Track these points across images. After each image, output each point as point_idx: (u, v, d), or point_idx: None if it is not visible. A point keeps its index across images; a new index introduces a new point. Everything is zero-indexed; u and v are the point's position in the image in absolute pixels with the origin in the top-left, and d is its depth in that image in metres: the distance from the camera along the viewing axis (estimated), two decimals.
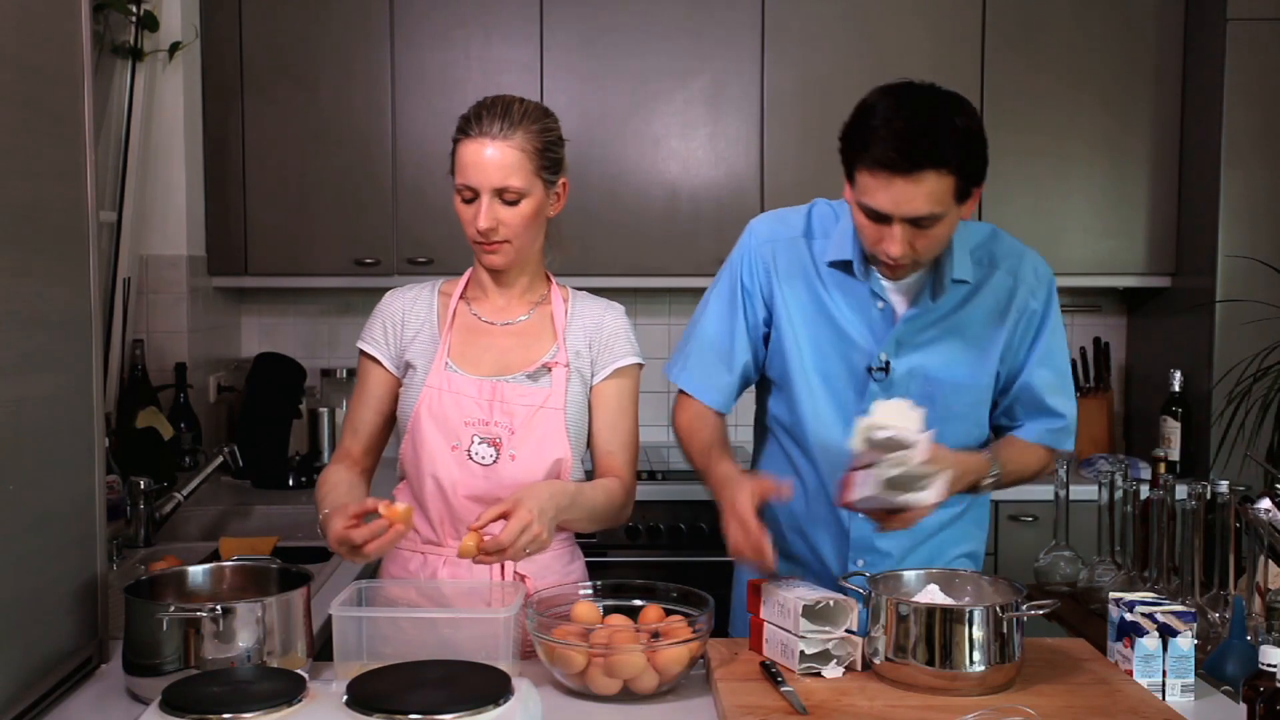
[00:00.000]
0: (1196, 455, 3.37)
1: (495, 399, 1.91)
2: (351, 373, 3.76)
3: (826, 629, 1.66)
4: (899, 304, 1.93)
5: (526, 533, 1.68)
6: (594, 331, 2.00)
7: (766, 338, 2.01)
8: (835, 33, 3.49)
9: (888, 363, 1.92)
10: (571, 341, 1.98)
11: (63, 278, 1.68)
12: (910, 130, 1.70)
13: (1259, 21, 3.29)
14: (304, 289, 3.76)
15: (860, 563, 1.99)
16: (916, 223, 1.74)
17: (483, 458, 1.89)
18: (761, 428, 2.13)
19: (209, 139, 3.48)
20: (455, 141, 1.90)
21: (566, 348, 1.97)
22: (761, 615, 1.76)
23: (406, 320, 1.99)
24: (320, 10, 3.45)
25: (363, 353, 2.01)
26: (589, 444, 2.01)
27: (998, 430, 2.04)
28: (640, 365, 2.05)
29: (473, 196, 1.87)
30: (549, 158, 1.91)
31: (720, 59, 3.49)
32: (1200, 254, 3.42)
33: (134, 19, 3.14)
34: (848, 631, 1.67)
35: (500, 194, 1.86)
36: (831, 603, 1.68)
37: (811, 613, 1.66)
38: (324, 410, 3.64)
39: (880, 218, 1.75)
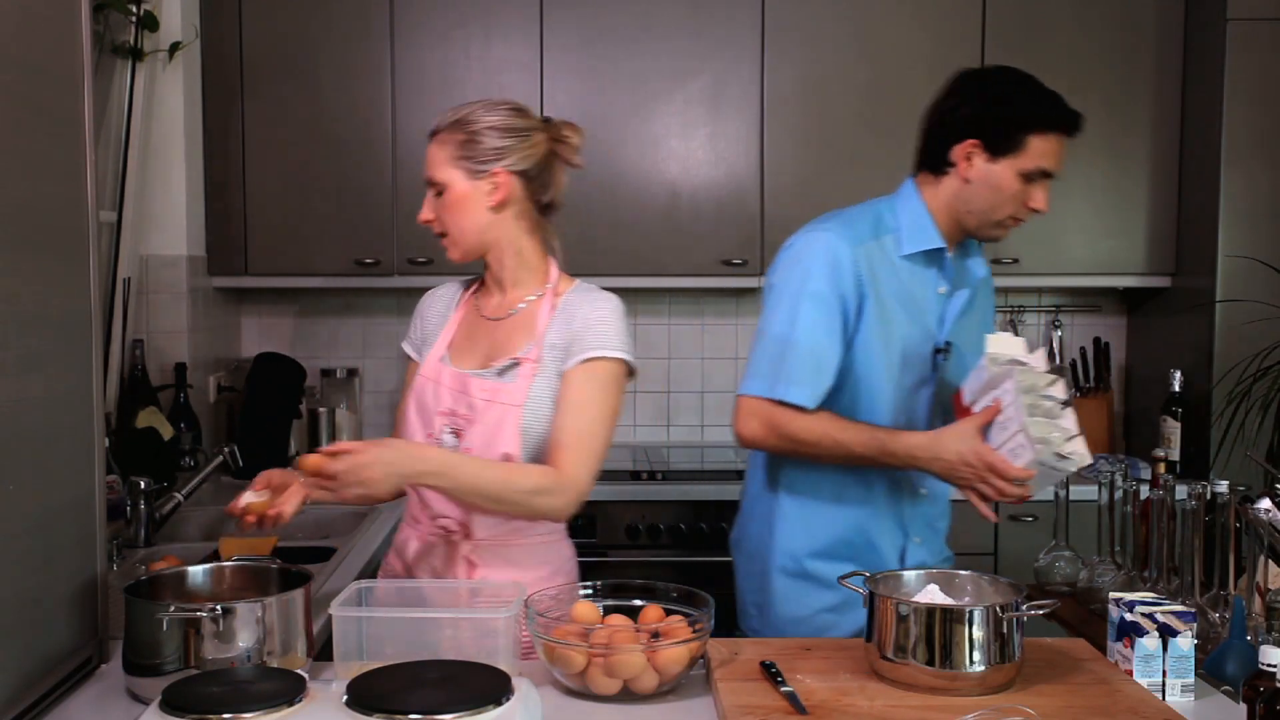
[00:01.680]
0: (1196, 455, 3.37)
1: (463, 391, 1.97)
2: (351, 372, 3.77)
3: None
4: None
5: (354, 473, 1.74)
6: (573, 323, 1.96)
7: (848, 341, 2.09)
8: (835, 33, 3.50)
9: (949, 343, 2.10)
10: (551, 337, 1.96)
11: (63, 278, 1.68)
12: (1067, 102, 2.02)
13: (1259, 21, 3.30)
14: (304, 289, 3.76)
15: (918, 540, 2.14)
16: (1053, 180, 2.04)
17: (447, 446, 1.96)
18: None
19: (209, 139, 3.48)
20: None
21: (543, 343, 1.96)
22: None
23: (427, 316, 2.11)
24: (320, 10, 3.45)
25: (404, 351, 2.15)
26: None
27: None
28: (622, 361, 1.94)
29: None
30: (472, 150, 1.95)
31: (720, 59, 3.49)
32: (1200, 254, 3.42)
33: (134, 19, 3.14)
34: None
35: (431, 186, 1.99)
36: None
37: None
38: (324, 410, 3.64)
39: (1041, 177, 2.01)
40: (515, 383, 1.94)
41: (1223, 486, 1.95)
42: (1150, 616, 1.70)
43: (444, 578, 1.97)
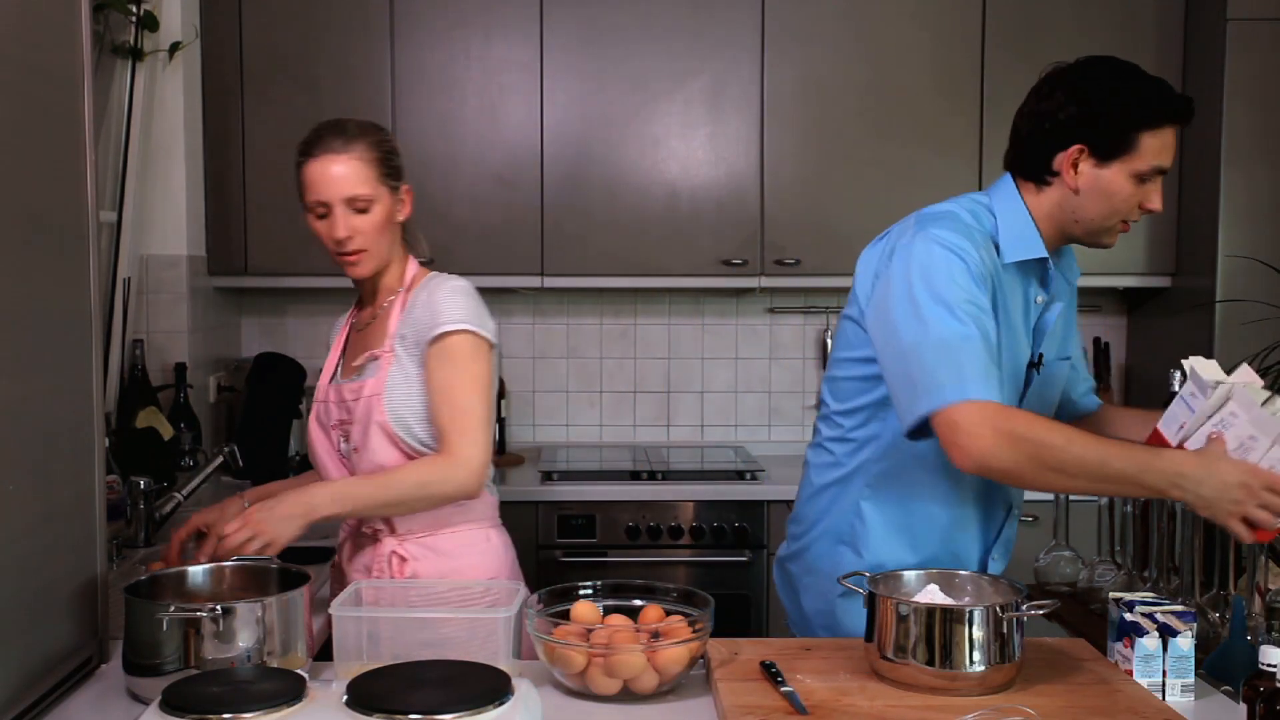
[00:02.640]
0: None
1: (338, 400, 2.07)
2: None
3: None
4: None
5: (250, 528, 1.87)
6: (416, 309, 2.04)
7: None
8: (835, 33, 3.50)
9: (1041, 355, 1.98)
10: (400, 328, 2.05)
11: (63, 278, 1.68)
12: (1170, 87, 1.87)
13: (1259, 21, 3.30)
14: (304, 289, 3.75)
15: (995, 557, 2.06)
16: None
17: (346, 453, 2.08)
18: (877, 435, 1.98)
19: (209, 139, 3.48)
20: (299, 166, 2.03)
21: (395, 334, 2.05)
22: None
23: (331, 343, 2.25)
24: (320, 10, 3.45)
25: None
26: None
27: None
28: (467, 332, 1.98)
29: (325, 212, 2.01)
30: (389, 165, 2.05)
31: (720, 59, 3.49)
32: (1200, 254, 3.42)
33: (134, 19, 3.14)
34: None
35: (351, 204, 1.99)
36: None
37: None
38: None
39: (1156, 175, 1.86)
40: (376, 376, 2.04)
41: None
42: (1150, 616, 1.70)
43: (378, 577, 2.03)
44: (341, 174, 1.98)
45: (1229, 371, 1.78)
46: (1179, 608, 1.72)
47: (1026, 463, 1.69)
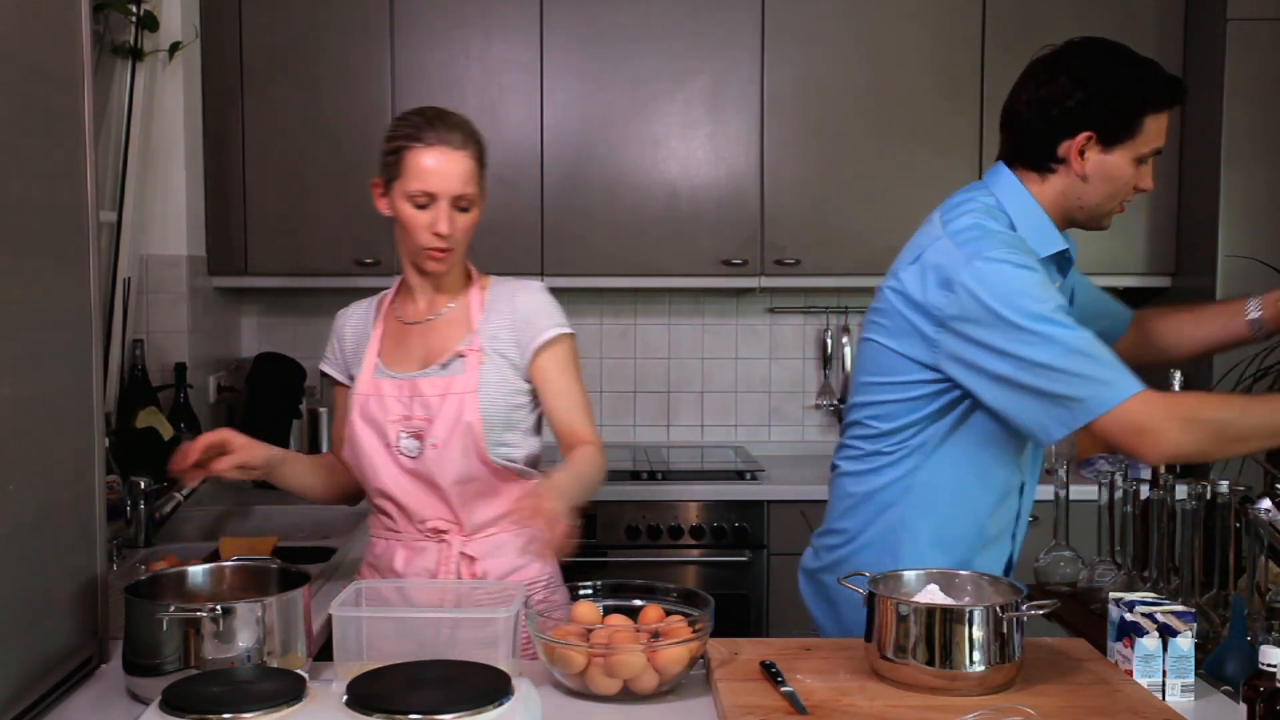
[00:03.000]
0: None
1: (414, 394, 2.01)
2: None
3: None
4: None
5: (555, 526, 1.73)
6: (511, 314, 2.05)
7: None
8: (835, 33, 3.50)
9: None
10: (488, 328, 2.04)
11: (63, 278, 1.68)
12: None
13: (1259, 21, 3.30)
14: (304, 289, 3.75)
15: (1016, 558, 2.06)
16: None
17: (410, 451, 2.00)
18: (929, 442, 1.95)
19: (209, 139, 3.48)
20: (402, 150, 1.96)
21: (482, 334, 2.03)
22: None
23: (344, 335, 2.16)
24: (320, 10, 3.45)
25: (323, 373, 2.20)
26: (550, 421, 2.07)
27: None
28: (568, 334, 2.07)
29: (428, 203, 1.96)
30: (485, 168, 2.03)
31: (720, 59, 3.49)
32: (1200, 254, 3.42)
33: (134, 19, 3.14)
34: None
35: (457, 201, 1.96)
36: None
37: None
38: (324, 410, 3.64)
39: (1152, 156, 1.90)
40: (465, 373, 2.00)
41: (1223, 486, 1.94)
42: (1150, 616, 1.70)
43: (445, 578, 1.99)
44: (457, 170, 1.95)
45: None
46: (1179, 608, 1.72)
47: (1211, 441, 1.77)
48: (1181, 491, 2.02)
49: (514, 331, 2.03)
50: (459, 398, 1.98)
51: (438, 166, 1.94)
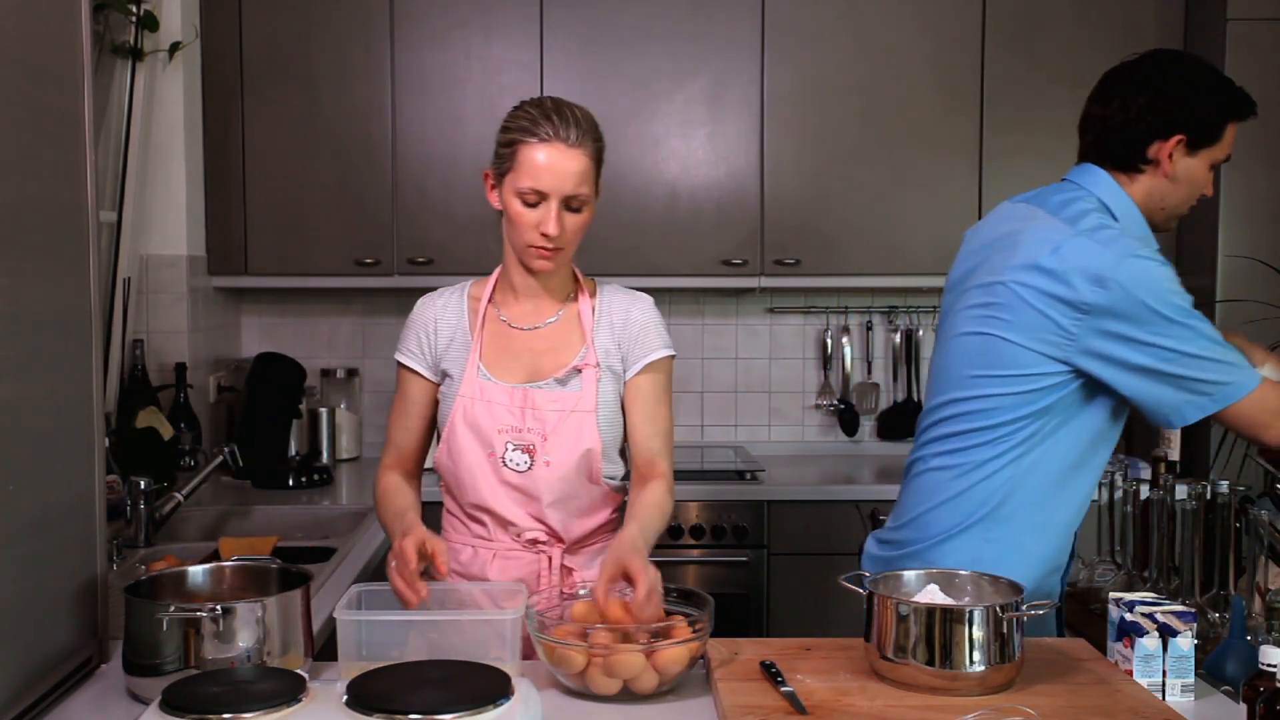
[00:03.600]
0: (1196, 455, 3.37)
1: (527, 406, 1.92)
2: (351, 373, 3.76)
3: None
4: None
5: (652, 589, 1.69)
6: (621, 328, 1.98)
7: None
8: (835, 33, 3.50)
9: None
10: (600, 340, 1.97)
11: (63, 278, 1.68)
12: None
13: (1259, 21, 3.30)
14: (304, 289, 3.76)
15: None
16: None
17: (517, 464, 1.92)
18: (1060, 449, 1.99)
19: (209, 139, 3.48)
20: (516, 143, 1.86)
21: (595, 347, 1.96)
22: None
23: (439, 328, 2.00)
24: (320, 10, 3.46)
25: (400, 364, 2.03)
26: (626, 439, 2.00)
27: None
28: (672, 356, 2.00)
29: (538, 201, 1.86)
30: (601, 166, 1.94)
31: (720, 59, 3.50)
32: (1200, 254, 3.42)
33: (134, 19, 3.14)
34: None
35: (568, 201, 1.87)
36: None
37: None
38: (324, 410, 3.65)
39: (1221, 163, 2.04)
40: (583, 390, 1.93)
41: (1223, 486, 1.95)
42: (1150, 616, 1.70)
43: (542, 590, 1.92)
44: (572, 170, 1.84)
45: None
46: (1179, 608, 1.72)
47: None
48: (1181, 491, 2.02)
49: (622, 346, 1.97)
50: (579, 417, 1.91)
51: (550, 164, 1.84)
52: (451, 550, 1.97)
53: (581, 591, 1.80)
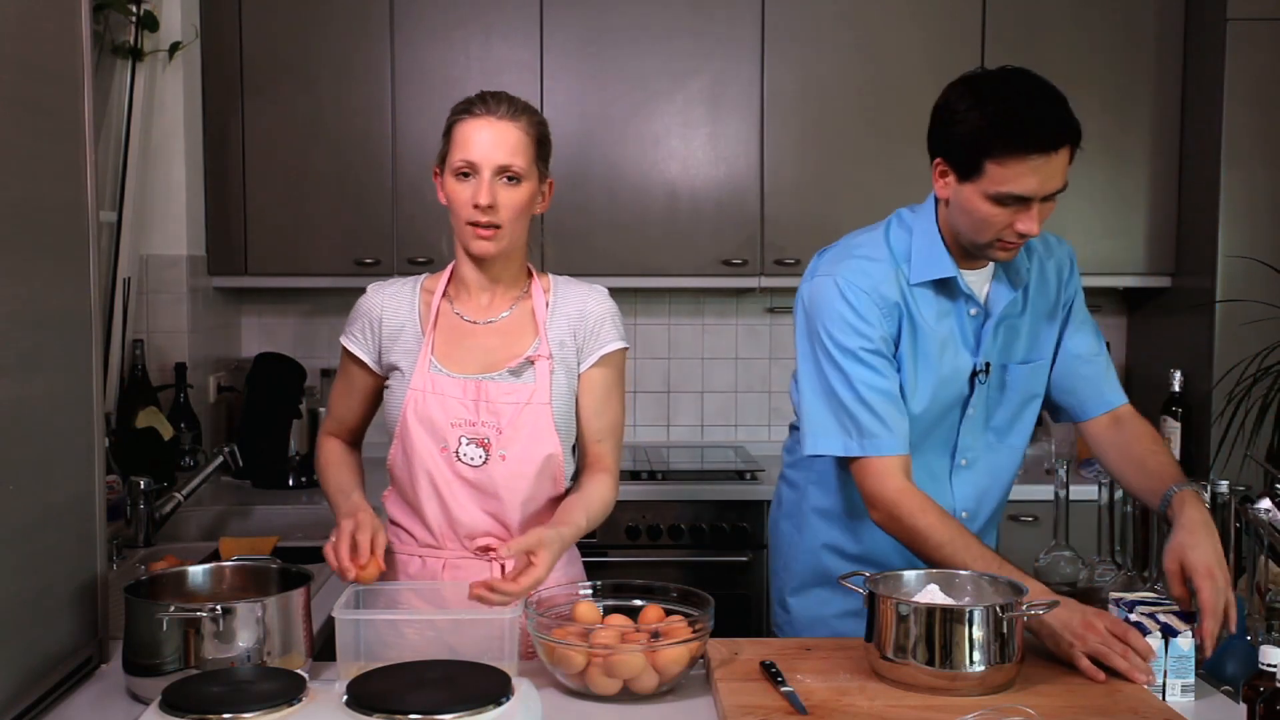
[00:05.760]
0: (1197, 455, 3.37)
1: (480, 398, 1.89)
2: None
3: None
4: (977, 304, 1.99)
5: (535, 583, 1.70)
6: (577, 320, 1.96)
7: None
8: (835, 33, 3.50)
9: (988, 364, 2.00)
10: (554, 332, 1.95)
11: (63, 278, 1.68)
12: (1047, 110, 1.78)
13: (1259, 21, 3.29)
14: (304, 289, 3.75)
15: (964, 514, 2.11)
16: (1049, 197, 1.82)
17: (471, 459, 1.89)
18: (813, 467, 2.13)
19: (209, 139, 3.48)
20: (452, 125, 1.91)
21: (549, 339, 1.94)
22: None
23: (385, 319, 1.98)
24: (320, 10, 3.45)
25: (345, 348, 2.04)
26: (578, 435, 1.98)
27: (1055, 408, 2.16)
28: (625, 349, 1.99)
29: (470, 172, 1.86)
30: (544, 149, 1.94)
31: (720, 59, 3.49)
32: (1200, 254, 3.42)
33: (134, 19, 3.14)
34: None
35: (502, 172, 1.86)
36: None
37: None
38: (324, 410, 3.64)
39: (1014, 202, 1.79)
40: (536, 382, 1.91)
41: (1223, 486, 1.95)
42: (1151, 616, 1.70)
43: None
44: (500, 139, 1.85)
45: None
46: (1179, 608, 1.73)
47: (903, 539, 1.91)
48: None
49: (577, 338, 1.95)
50: (534, 410, 1.89)
51: (480, 136, 1.85)
52: (400, 563, 1.96)
53: (583, 592, 1.80)
